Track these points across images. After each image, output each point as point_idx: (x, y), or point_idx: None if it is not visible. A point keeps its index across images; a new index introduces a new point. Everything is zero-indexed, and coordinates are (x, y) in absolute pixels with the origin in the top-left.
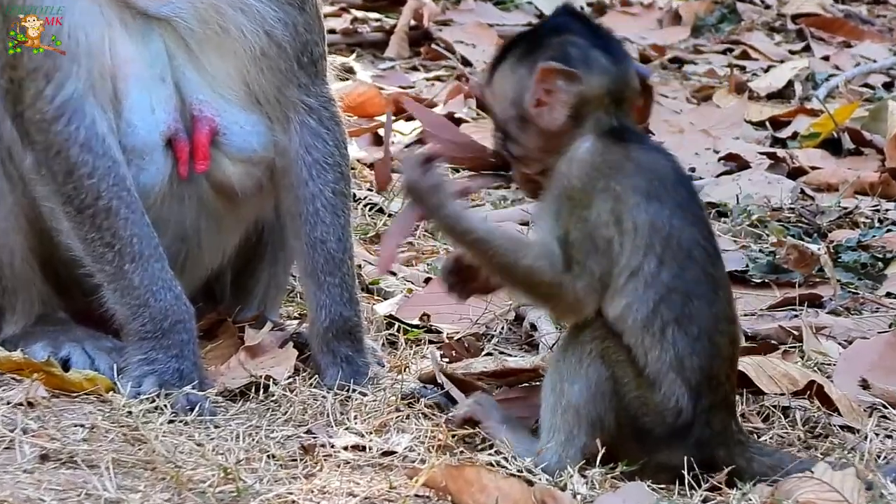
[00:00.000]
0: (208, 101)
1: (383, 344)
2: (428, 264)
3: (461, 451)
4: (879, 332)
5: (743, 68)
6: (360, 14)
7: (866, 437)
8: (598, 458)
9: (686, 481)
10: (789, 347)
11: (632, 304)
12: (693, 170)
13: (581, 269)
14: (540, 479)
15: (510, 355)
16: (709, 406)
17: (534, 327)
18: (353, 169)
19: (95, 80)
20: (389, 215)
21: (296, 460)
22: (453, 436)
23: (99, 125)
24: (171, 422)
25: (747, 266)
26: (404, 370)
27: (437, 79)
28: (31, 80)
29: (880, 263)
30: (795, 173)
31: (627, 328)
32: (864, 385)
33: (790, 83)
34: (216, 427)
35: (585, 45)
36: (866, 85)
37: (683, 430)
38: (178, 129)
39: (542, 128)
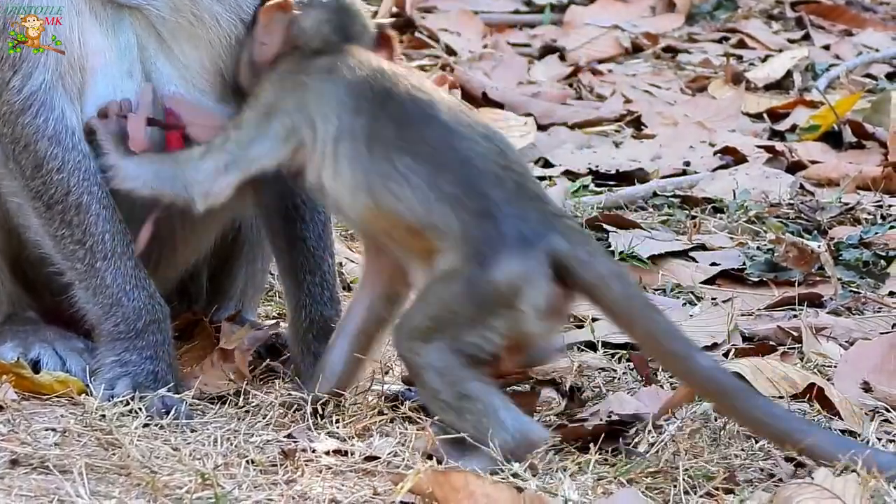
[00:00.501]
0: (182, 92)
1: None
2: None
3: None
4: (882, 333)
5: (740, 58)
6: None
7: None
8: (591, 464)
9: (680, 486)
10: (788, 349)
11: (327, 166)
12: (688, 163)
13: (224, 149)
14: (529, 485)
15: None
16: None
17: None
18: None
19: (64, 71)
20: None
21: (276, 465)
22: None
23: (68, 117)
24: (146, 425)
25: (744, 264)
26: (387, 372)
27: (421, 68)
28: None
29: (882, 262)
30: (794, 167)
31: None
32: (866, 388)
33: (789, 73)
34: (193, 431)
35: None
36: (868, 75)
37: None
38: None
39: (260, 64)
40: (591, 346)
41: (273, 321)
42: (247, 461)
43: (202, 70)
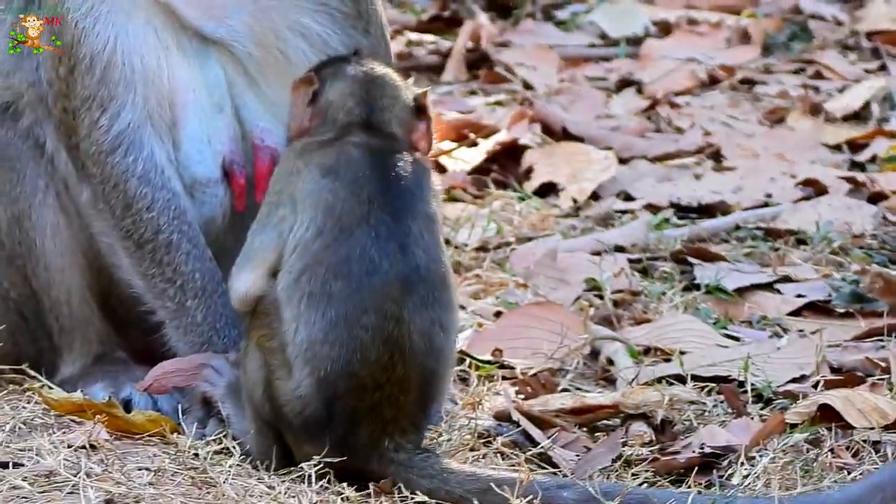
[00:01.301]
0: (270, 129)
1: (454, 380)
2: (497, 297)
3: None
4: None
5: (816, 89)
6: (414, 37)
7: None
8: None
9: None
10: (877, 380)
11: (284, 271)
12: (769, 195)
13: (242, 252)
14: None
15: (587, 391)
16: (351, 410)
17: (610, 362)
18: None
19: (152, 109)
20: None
21: (370, 501)
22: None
23: (157, 156)
24: (239, 464)
25: (830, 295)
26: (477, 408)
27: (498, 103)
28: (86, 109)
29: None
30: (876, 198)
31: (279, 297)
32: None
33: (867, 104)
34: (287, 469)
35: (338, 60)
36: None
37: (316, 425)
38: (235, 161)
39: (293, 136)
40: (681, 378)
41: None
42: (342, 498)
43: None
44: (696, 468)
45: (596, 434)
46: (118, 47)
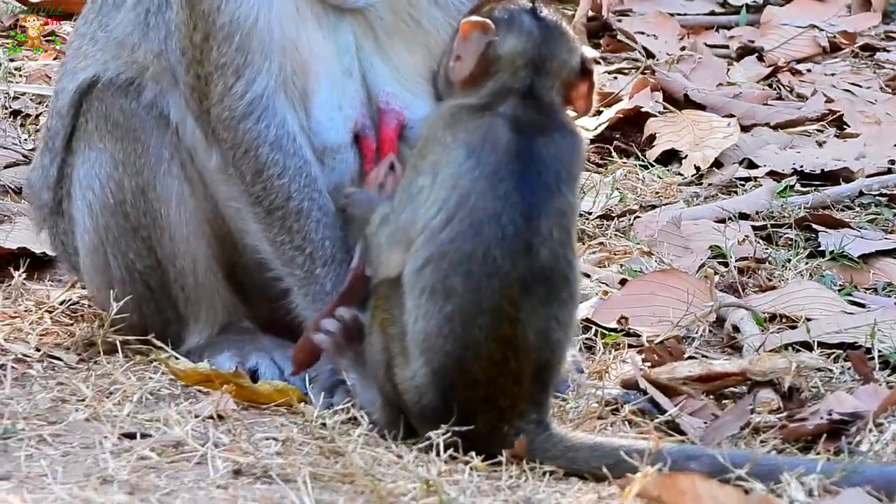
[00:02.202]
0: (395, 93)
1: (581, 349)
2: (621, 265)
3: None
4: None
5: None
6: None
7: None
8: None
9: None
10: None
11: (410, 256)
12: (893, 162)
13: (390, 218)
14: (755, 487)
15: (713, 359)
16: (466, 400)
17: (736, 329)
18: None
19: (287, 76)
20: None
21: (499, 471)
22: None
23: (290, 123)
24: (367, 434)
25: None
26: (604, 376)
27: (620, 72)
28: (220, 75)
29: None
30: None
31: (404, 284)
32: None
33: None
34: (414, 439)
35: (517, 11)
36: None
37: (433, 413)
38: (364, 125)
39: (452, 81)
40: (807, 345)
41: None
42: (470, 467)
43: (416, 73)
44: (825, 435)
45: (723, 401)
46: (259, 15)
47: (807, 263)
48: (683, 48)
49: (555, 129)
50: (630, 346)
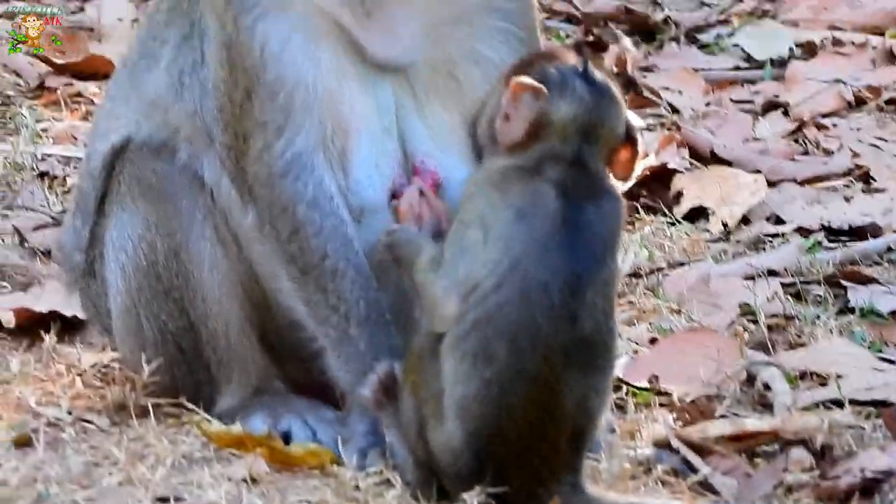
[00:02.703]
0: (431, 152)
1: (612, 408)
2: (651, 323)
3: None
4: None
5: None
6: None
7: None
8: None
9: None
10: None
11: (458, 320)
12: None
13: (444, 268)
14: None
15: (745, 417)
16: (501, 464)
17: (767, 387)
18: None
19: (327, 135)
20: None
21: None
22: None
23: (327, 182)
24: (401, 495)
25: None
26: (636, 435)
27: (645, 128)
28: (261, 132)
29: None
30: None
31: (444, 346)
32: None
33: None
34: (449, 500)
35: (569, 73)
36: None
37: (468, 475)
38: (401, 185)
39: (502, 144)
40: (838, 403)
41: None
42: None
43: (452, 131)
44: (858, 493)
45: (755, 460)
46: (305, 73)
47: (836, 320)
48: (709, 104)
49: (601, 196)
50: (661, 405)
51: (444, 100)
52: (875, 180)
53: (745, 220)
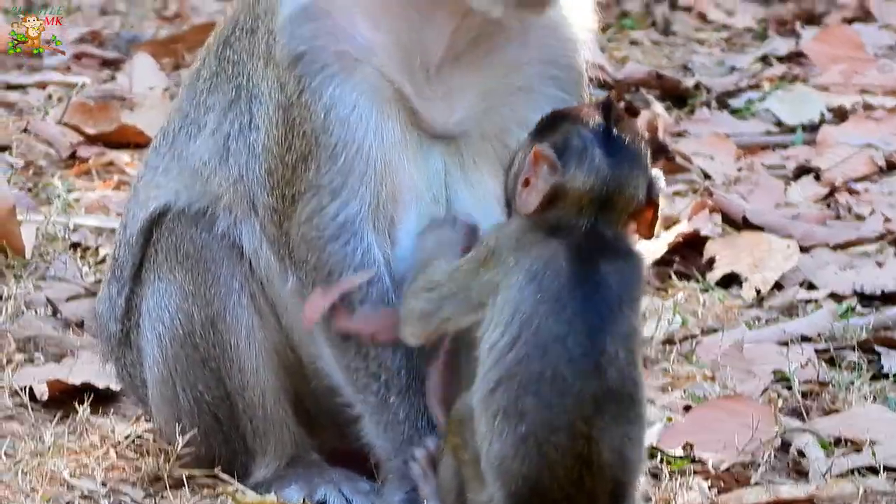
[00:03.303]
0: (479, 219)
1: (647, 477)
2: (685, 391)
3: None
4: None
5: None
6: None
7: None
8: None
9: None
10: None
11: (480, 380)
12: None
13: (431, 296)
14: None
15: (780, 484)
16: None
17: (802, 454)
18: None
19: (380, 201)
20: None
21: None
22: None
23: (374, 249)
24: None
25: None
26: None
27: (677, 193)
28: (314, 195)
29: None
30: None
31: (475, 407)
32: None
33: None
34: None
35: (590, 140)
36: None
37: None
38: None
39: (519, 210)
40: (873, 469)
41: None
42: None
43: (498, 199)
44: None
45: None
46: (365, 139)
47: (870, 386)
48: (740, 169)
49: (618, 255)
50: (696, 472)
51: (491, 166)
52: None
53: (778, 286)
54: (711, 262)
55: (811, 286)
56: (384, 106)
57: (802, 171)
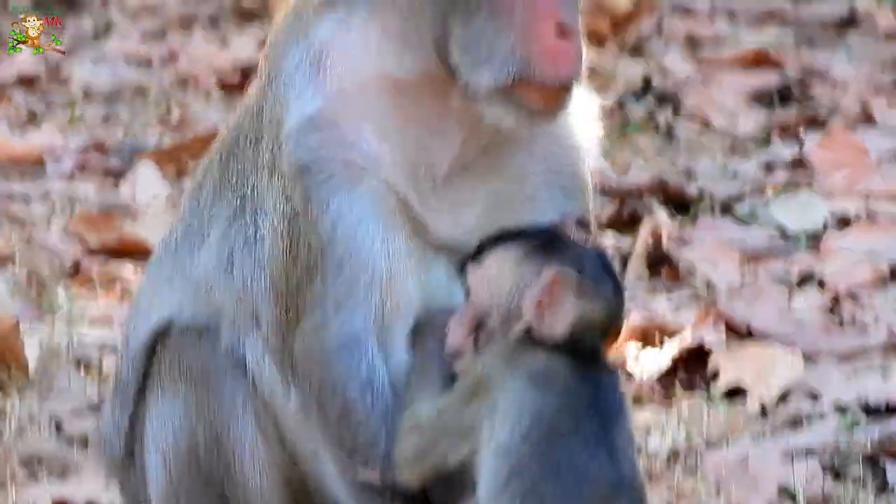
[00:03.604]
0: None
1: None
2: None
3: None
4: None
5: None
6: None
7: None
8: None
9: None
10: None
11: (487, 473)
12: None
13: (422, 440)
14: None
15: None
16: None
17: None
18: None
19: (386, 313)
20: None
21: None
22: None
23: (380, 364)
24: None
25: None
26: None
27: (681, 303)
28: (319, 306)
29: None
30: None
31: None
32: None
33: None
34: None
35: (600, 273)
36: None
37: None
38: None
39: (538, 333)
40: None
41: None
42: None
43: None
44: None
45: None
46: (372, 250)
47: (876, 499)
48: (744, 276)
49: (607, 366)
50: None
51: None
52: None
53: (783, 397)
54: (716, 373)
55: (815, 396)
56: (390, 217)
57: (806, 278)
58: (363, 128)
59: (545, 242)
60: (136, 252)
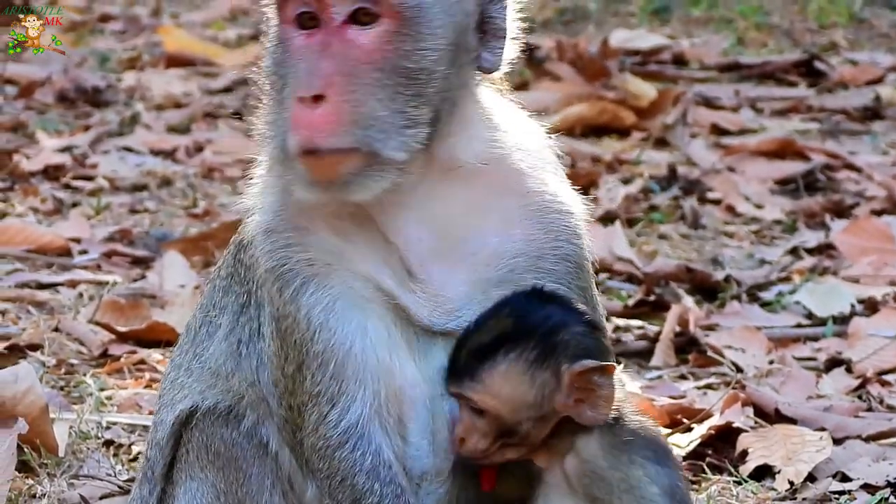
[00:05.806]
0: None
1: None
2: None
3: None
4: None
5: None
6: (621, 322)
7: None
8: None
9: None
10: None
11: None
12: None
13: None
14: None
15: None
16: None
17: None
18: None
19: (382, 403)
20: None
21: None
22: None
23: (385, 451)
24: None
25: None
26: None
27: (709, 387)
28: (314, 404)
29: None
30: None
31: None
32: None
33: None
34: None
35: (595, 337)
36: None
37: None
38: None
39: (581, 421)
40: None
41: None
42: None
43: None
44: None
45: None
46: (353, 342)
47: None
48: (772, 361)
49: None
50: None
51: None
52: None
53: (811, 478)
54: (744, 454)
55: (844, 478)
56: (366, 306)
57: (834, 363)
58: (318, 227)
59: (540, 339)
60: (163, 339)
